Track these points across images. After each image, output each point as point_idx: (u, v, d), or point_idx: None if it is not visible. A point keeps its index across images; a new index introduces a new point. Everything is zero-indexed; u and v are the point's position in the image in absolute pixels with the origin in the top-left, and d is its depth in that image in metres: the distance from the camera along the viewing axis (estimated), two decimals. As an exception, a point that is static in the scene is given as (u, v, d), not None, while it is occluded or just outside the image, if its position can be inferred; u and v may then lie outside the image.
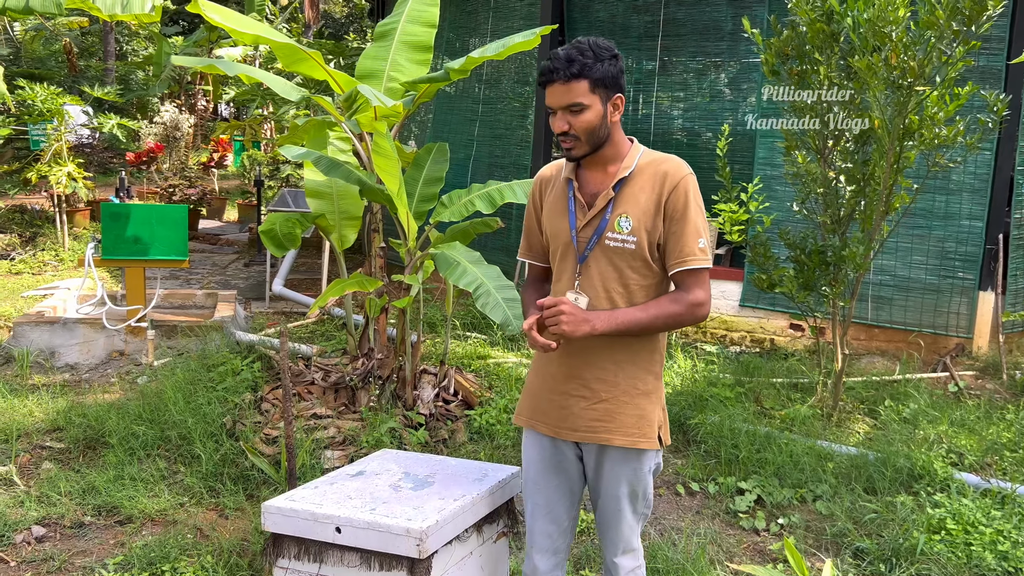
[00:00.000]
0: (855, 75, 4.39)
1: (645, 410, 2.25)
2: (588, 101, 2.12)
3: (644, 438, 2.25)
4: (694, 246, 2.17)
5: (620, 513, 2.30)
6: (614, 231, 2.20)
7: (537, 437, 2.36)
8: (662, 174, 2.19)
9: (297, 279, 8.33)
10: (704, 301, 2.19)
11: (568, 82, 2.10)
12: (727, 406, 4.69)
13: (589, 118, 2.14)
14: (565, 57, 2.11)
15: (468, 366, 5.40)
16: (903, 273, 6.01)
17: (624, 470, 2.27)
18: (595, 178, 2.26)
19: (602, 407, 2.23)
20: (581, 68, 2.10)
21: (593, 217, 2.23)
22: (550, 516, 2.35)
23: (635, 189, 2.20)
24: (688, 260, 2.17)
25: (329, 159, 4.38)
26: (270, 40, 4.12)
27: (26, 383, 5.24)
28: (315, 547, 2.33)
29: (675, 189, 2.17)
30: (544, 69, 2.14)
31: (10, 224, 10.61)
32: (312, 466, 3.95)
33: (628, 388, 2.24)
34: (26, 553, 3.30)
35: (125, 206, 5.79)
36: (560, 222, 2.28)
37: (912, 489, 3.89)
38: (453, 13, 8.66)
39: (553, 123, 2.18)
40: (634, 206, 2.19)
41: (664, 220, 2.18)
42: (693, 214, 2.18)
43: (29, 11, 6.08)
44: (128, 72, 19.01)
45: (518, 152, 7.78)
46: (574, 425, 2.27)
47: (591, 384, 2.24)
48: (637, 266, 2.20)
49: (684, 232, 2.17)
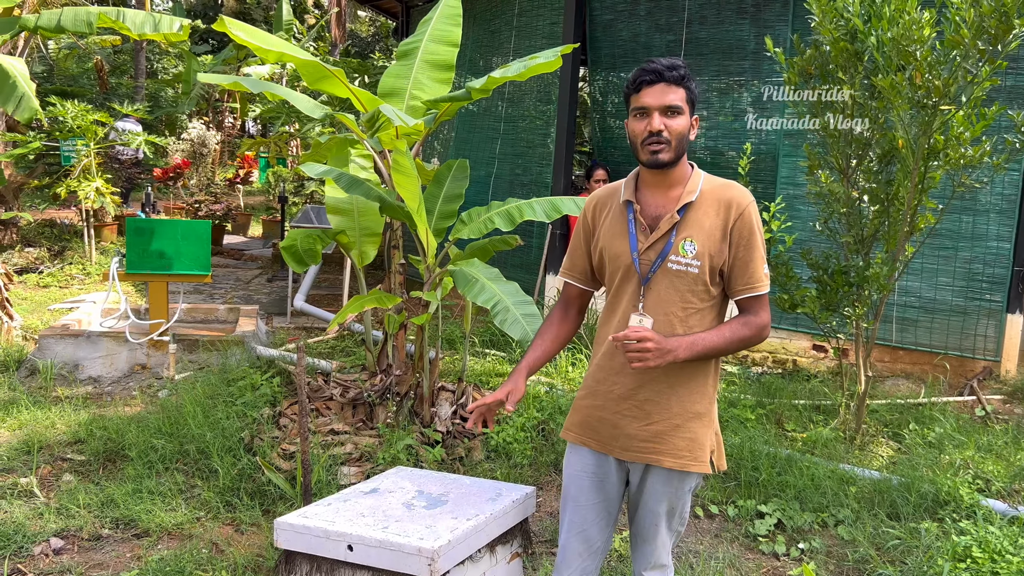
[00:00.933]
0: (878, 94, 4.36)
1: (697, 433, 2.25)
2: (684, 108, 2.18)
3: (695, 461, 2.25)
4: (761, 272, 2.23)
5: (656, 529, 2.32)
6: (678, 254, 2.21)
7: (584, 453, 2.36)
8: (727, 200, 2.22)
9: (319, 295, 8.37)
10: (768, 323, 2.26)
11: (671, 84, 2.16)
12: (748, 428, 4.62)
13: (683, 124, 2.18)
14: (669, 64, 2.16)
15: (486, 383, 5.39)
16: (928, 294, 5.92)
17: (667, 490, 2.28)
18: (656, 201, 2.27)
19: (654, 429, 2.24)
20: (683, 75, 2.17)
21: (656, 240, 2.23)
22: (583, 535, 2.35)
23: (699, 214, 2.22)
24: (757, 286, 2.23)
25: (350, 176, 4.41)
26: (294, 57, 4.16)
27: (50, 395, 5.29)
28: (327, 565, 2.32)
29: (741, 216, 2.20)
30: (650, 70, 2.17)
31: (40, 238, 10.79)
32: (328, 482, 3.94)
33: (681, 411, 2.24)
34: (44, 565, 3.32)
35: (149, 221, 5.87)
36: (620, 244, 2.28)
37: (937, 515, 3.80)
38: (476, 32, 8.72)
39: (643, 124, 2.18)
40: (699, 231, 2.21)
41: (730, 247, 2.21)
42: (758, 241, 2.23)
43: (61, 30, 6.20)
44: (158, 90, 19.33)
45: (539, 170, 7.79)
46: (625, 445, 2.27)
47: (645, 406, 2.25)
48: (698, 290, 2.22)
49: (752, 259, 2.22)
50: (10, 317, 6.68)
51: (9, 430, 4.70)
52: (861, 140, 4.56)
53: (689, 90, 2.18)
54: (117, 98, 16.11)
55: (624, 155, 7.64)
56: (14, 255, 9.84)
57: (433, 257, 4.51)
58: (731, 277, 2.24)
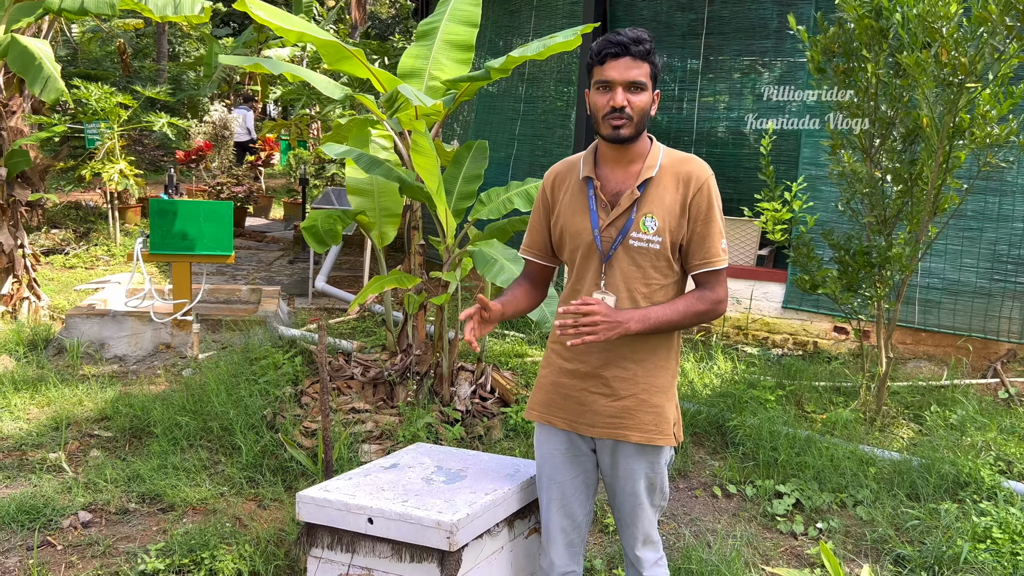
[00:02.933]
0: (903, 72, 4.30)
1: (662, 407, 2.26)
2: (648, 84, 2.15)
3: (660, 435, 2.26)
4: (718, 247, 2.21)
5: (640, 507, 2.31)
6: (639, 231, 2.19)
7: (552, 432, 2.36)
8: (686, 174, 2.20)
9: (340, 276, 8.43)
10: (724, 299, 2.24)
11: (636, 59, 2.12)
12: (767, 408, 4.62)
13: (645, 100, 2.15)
14: (634, 37, 2.12)
15: (505, 364, 5.41)
16: (952, 276, 5.85)
17: (640, 465, 2.28)
18: (616, 177, 2.25)
19: (621, 404, 2.24)
20: (648, 51, 2.13)
21: (617, 217, 2.22)
22: (565, 511, 2.36)
23: (660, 189, 2.20)
24: (713, 261, 2.21)
25: (370, 157, 4.43)
26: (314, 37, 4.18)
27: (76, 373, 5.39)
28: (348, 537, 2.36)
29: (700, 191, 2.19)
30: (613, 41, 2.12)
31: (65, 220, 10.93)
32: (349, 459, 3.99)
33: (647, 386, 2.24)
34: (72, 537, 3.40)
35: (172, 202, 5.92)
36: (581, 221, 2.26)
37: (957, 497, 3.79)
38: (495, 12, 8.68)
39: (606, 98, 2.14)
40: (659, 206, 2.19)
41: (688, 221, 2.19)
42: (716, 215, 2.20)
43: (84, 12, 6.24)
44: (180, 72, 19.45)
45: (559, 151, 7.77)
46: (592, 421, 2.28)
47: (612, 383, 2.25)
48: (660, 266, 2.21)
49: (709, 233, 2.20)
50: (38, 297, 6.79)
51: (38, 407, 4.79)
52: (885, 119, 4.51)
53: (653, 65, 2.15)
54: (140, 81, 16.23)
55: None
56: (41, 236, 9.99)
57: (452, 238, 4.53)
58: (688, 252, 2.22)
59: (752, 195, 5.18)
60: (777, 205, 4.91)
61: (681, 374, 5.15)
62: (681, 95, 7.35)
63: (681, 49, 7.32)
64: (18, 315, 6.58)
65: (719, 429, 4.51)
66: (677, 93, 7.36)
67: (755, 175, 4.83)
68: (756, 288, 6.47)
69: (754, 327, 6.47)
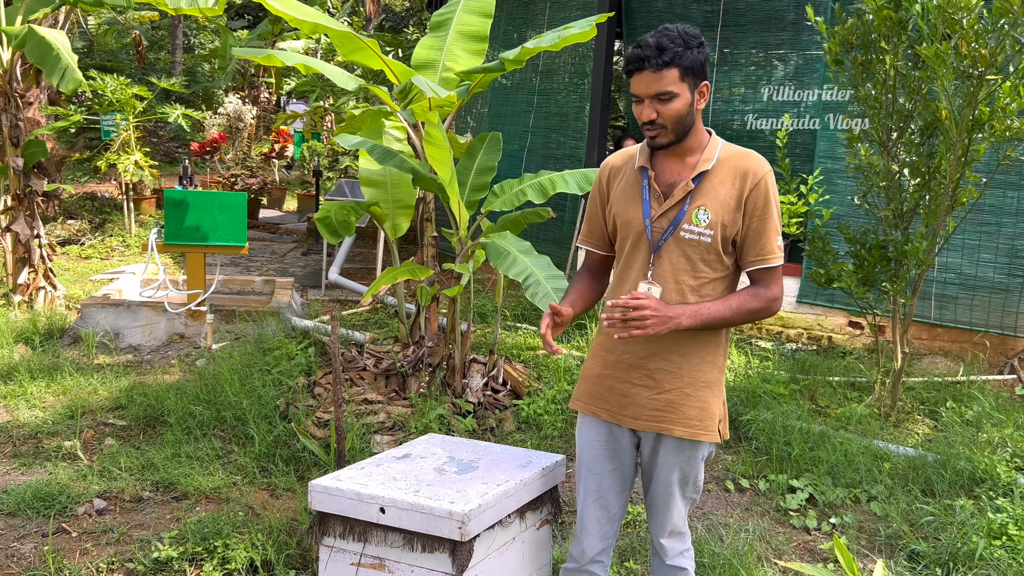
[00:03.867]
0: (922, 64, 4.25)
1: (707, 403, 2.24)
2: (678, 89, 2.10)
3: (704, 431, 2.24)
4: (773, 244, 2.18)
5: (671, 497, 2.31)
6: (691, 223, 2.17)
7: (594, 423, 2.35)
8: (743, 170, 2.17)
9: (353, 268, 8.45)
10: (779, 296, 2.21)
11: (659, 70, 2.07)
12: (780, 403, 4.59)
13: (678, 107, 2.11)
14: (656, 45, 2.07)
15: (517, 356, 5.41)
16: (969, 271, 5.80)
17: (679, 459, 2.27)
18: (672, 168, 2.23)
19: (664, 398, 2.23)
20: (672, 56, 2.07)
21: (670, 208, 2.19)
22: (601, 502, 2.36)
23: (715, 182, 2.17)
24: (768, 258, 2.18)
25: (383, 148, 4.42)
26: (329, 28, 4.17)
27: (92, 362, 5.43)
28: (360, 526, 2.37)
29: (756, 186, 2.15)
30: (632, 57, 2.10)
31: (81, 210, 11.01)
32: (362, 450, 4.00)
33: (692, 380, 2.22)
34: (87, 525, 3.43)
35: (186, 193, 5.95)
36: (633, 211, 2.25)
37: (973, 493, 3.76)
38: (510, 4, 8.66)
39: (639, 111, 2.13)
40: (713, 200, 2.16)
41: (744, 216, 2.16)
42: (773, 212, 2.17)
43: (100, 3, 6.27)
44: (195, 65, 19.52)
45: (573, 144, 7.75)
46: (635, 414, 2.26)
47: (655, 375, 2.23)
48: (710, 259, 2.19)
49: (765, 230, 2.17)
50: (53, 287, 6.84)
51: (54, 395, 4.83)
52: (903, 112, 4.46)
53: (681, 67, 2.07)
54: (155, 73, 16.30)
55: (659, 129, 7.55)
56: (57, 227, 10.06)
57: (465, 230, 4.52)
58: (743, 248, 2.19)
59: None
60: (793, 198, 4.87)
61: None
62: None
63: (696, 41, 7.26)
64: (34, 304, 6.63)
65: (732, 423, 4.48)
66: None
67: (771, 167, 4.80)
68: (770, 282, 6.42)
69: (768, 321, 6.44)
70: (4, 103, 6.56)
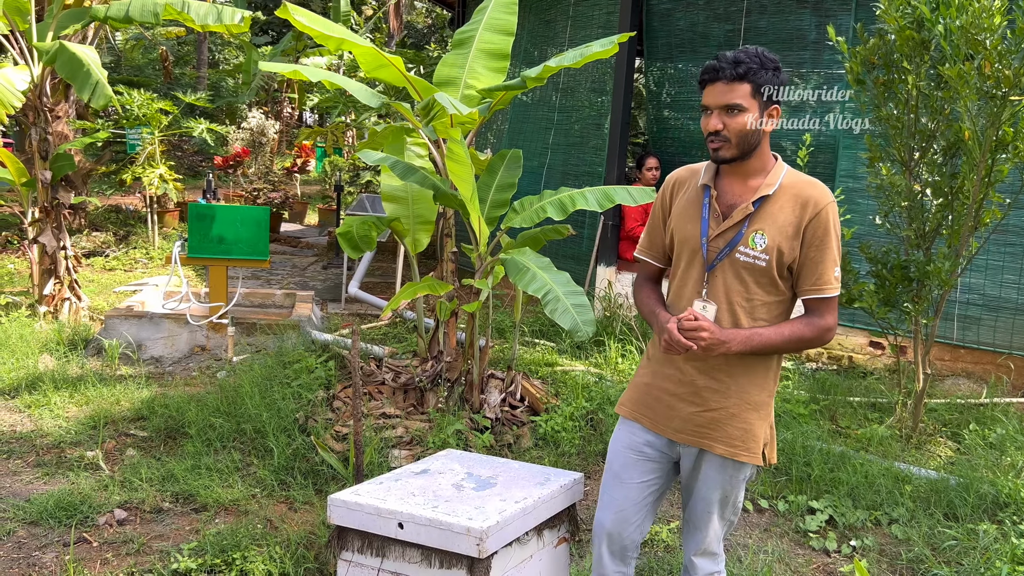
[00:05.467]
0: (945, 84, 4.23)
1: (752, 424, 2.24)
2: (747, 104, 2.14)
3: (747, 452, 2.24)
4: (831, 275, 2.18)
5: (709, 516, 2.32)
6: (747, 246, 2.19)
7: (635, 429, 2.36)
8: (805, 198, 2.18)
9: (372, 282, 8.49)
10: (833, 326, 2.21)
11: (731, 82, 2.12)
12: (800, 423, 4.56)
13: (744, 121, 2.14)
14: (733, 58, 2.13)
15: (535, 372, 5.41)
16: (993, 292, 5.74)
17: (721, 477, 2.28)
18: (734, 189, 2.25)
19: (709, 416, 2.24)
20: (747, 71, 2.12)
21: (727, 229, 2.22)
22: (619, 514, 2.37)
23: (775, 208, 2.19)
24: (825, 288, 2.18)
25: (405, 164, 4.46)
26: (354, 45, 4.23)
27: (114, 373, 5.49)
28: (378, 541, 2.38)
29: (817, 216, 2.16)
30: (709, 68, 2.15)
31: (106, 223, 11.16)
32: (380, 464, 4.01)
33: (738, 401, 2.23)
34: (108, 535, 3.46)
35: (211, 207, 6.02)
36: (691, 227, 2.27)
37: (996, 517, 3.70)
38: (531, 22, 8.72)
39: (706, 122, 2.17)
40: (771, 225, 2.18)
41: (802, 245, 2.17)
42: (833, 243, 2.17)
43: (129, 20, 6.39)
44: (219, 79, 19.79)
45: (592, 161, 7.76)
46: (679, 427, 2.28)
47: (703, 392, 2.25)
48: (764, 283, 2.20)
49: (823, 260, 2.17)
50: (78, 298, 6.93)
51: (77, 405, 4.89)
52: (925, 132, 4.45)
53: (755, 83, 2.13)
54: (180, 87, 16.54)
55: (679, 146, 7.56)
56: (82, 239, 10.20)
57: (485, 245, 4.54)
58: (800, 276, 2.20)
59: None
60: (813, 217, 4.85)
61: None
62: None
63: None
64: (59, 315, 6.72)
65: (751, 443, 4.45)
66: (712, 104, 7.30)
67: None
68: (790, 301, 6.39)
69: (788, 340, 6.39)
70: (34, 117, 6.68)
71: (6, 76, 6.24)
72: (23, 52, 6.60)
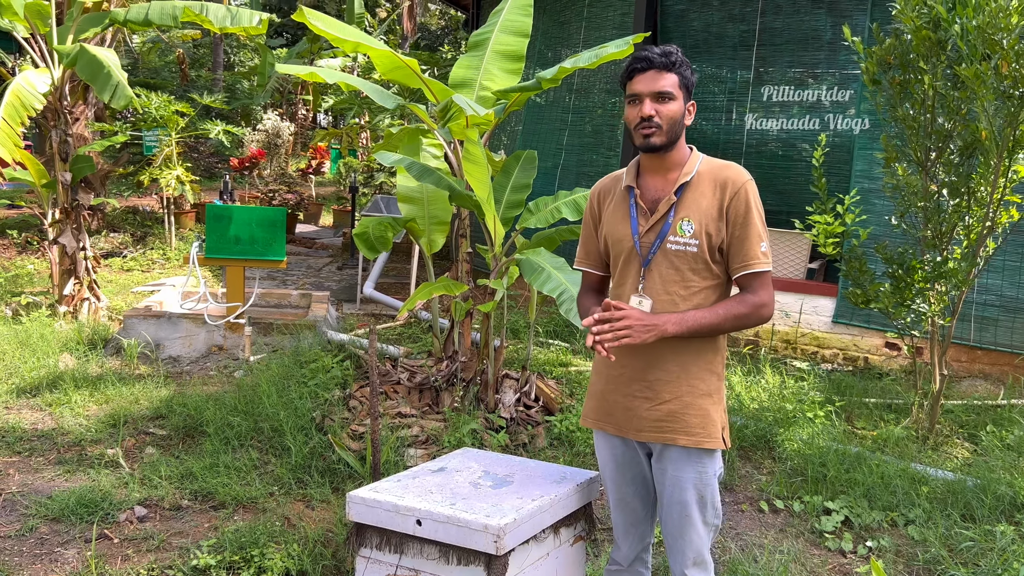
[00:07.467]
0: (961, 84, 4.22)
1: (708, 410, 2.28)
2: (676, 94, 2.23)
3: (708, 438, 2.28)
4: (757, 250, 2.23)
5: (688, 520, 2.31)
6: (676, 235, 2.25)
7: (605, 438, 2.44)
8: (723, 180, 2.25)
9: (387, 283, 8.54)
10: (768, 302, 2.25)
11: (662, 71, 2.21)
12: (816, 424, 4.55)
13: (675, 109, 2.23)
14: (661, 51, 2.22)
15: (550, 373, 5.42)
16: (1010, 293, 5.71)
17: (689, 473, 2.29)
18: (656, 185, 2.32)
19: (665, 408, 2.28)
20: (676, 62, 2.22)
21: (656, 222, 2.28)
22: (626, 510, 2.47)
23: (696, 194, 2.26)
24: (752, 264, 2.23)
25: (421, 165, 4.49)
26: (370, 48, 4.26)
27: (133, 372, 5.55)
28: (396, 538, 2.40)
29: (736, 195, 2.23)
30: (639, 58, 2.23)
31: (124, 224, 11.27)
32: (396, 463, 4.04)
33: (691, 389, 2.27)
34: (128, 531, 3.50)
35: (227, 208, 6.07)
36: (623, 228, 2.33)
37: (1014, 519, 3.69)
38: (546, 24, 8.73)
39: (636, 110, 2.24)
40: (696, 210, 2.25)
41: (727, 225, 2.24)
42: (755, 219, 2.24)
43: (148, 23, 6.46)
44: (235, 82, 19.92)
45: (606, 161, 7.77)
46: (639, 426, 2.32)
47: (654, 386, 2.28)
48: (699, 268, 2.25)
49: (747, 236, 2.23)
50: (97, 298, 7.01)
51: (97, 404, 4.95)
52: (942, 132, 4.43)
53: (682, 75, 2.23)
54: (196, 89, 16.66)
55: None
56: (100, 240, 10.31)
57: (500, 246, 4.57)
58: (729, 255, 2.26)
59: (803, 208, 5.12)
60: (829, 218, 4.84)
61: (728, 387, 5.11)
62: (731, 107, 7.31)
63: (732, 61, 7.28)
64: (79, 315, 6.80)
65: (766, 443, 4.45)
66: (727, 105, 7.31)
67: (806, 187, 4.78)
68: (806, 302, 6.38)
69: (803, 341, 6.38)
70: (54, 119, 6.76)
71: (28, 79, 6.32)
72: (43, 55, 6.68)
